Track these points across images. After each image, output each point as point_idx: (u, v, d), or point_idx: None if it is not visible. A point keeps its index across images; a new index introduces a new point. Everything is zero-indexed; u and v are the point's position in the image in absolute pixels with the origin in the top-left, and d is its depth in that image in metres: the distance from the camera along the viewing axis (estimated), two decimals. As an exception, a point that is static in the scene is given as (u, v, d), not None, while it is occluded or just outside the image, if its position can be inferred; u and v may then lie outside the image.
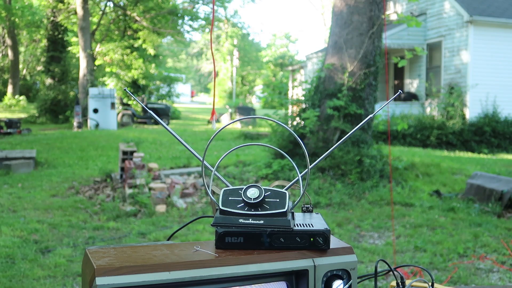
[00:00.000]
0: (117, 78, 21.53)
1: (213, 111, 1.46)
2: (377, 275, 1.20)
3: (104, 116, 17.42)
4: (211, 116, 1.45)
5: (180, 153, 10.78)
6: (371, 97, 8.20)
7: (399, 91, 1.31)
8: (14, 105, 25.00)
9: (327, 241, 1.03)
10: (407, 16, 7.17)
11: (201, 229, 5.48)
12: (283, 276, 1.02)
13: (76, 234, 5.35)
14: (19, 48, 27.92)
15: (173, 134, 1.14)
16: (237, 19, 45.47)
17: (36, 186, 7.70)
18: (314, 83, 8.50)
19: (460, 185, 8.00)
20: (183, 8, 24.06)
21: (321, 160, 1.16)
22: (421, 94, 16.42)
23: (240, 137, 14.55)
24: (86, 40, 19.32)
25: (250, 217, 1.02)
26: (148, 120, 19.87)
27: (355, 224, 5.97)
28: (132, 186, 6.81)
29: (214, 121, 1.47)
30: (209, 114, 25.46)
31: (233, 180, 7.74)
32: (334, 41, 8.23)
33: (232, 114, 22.08)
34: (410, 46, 15.34)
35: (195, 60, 58.27)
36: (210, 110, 13.37)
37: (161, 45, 27.04)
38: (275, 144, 8.21)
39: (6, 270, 4.18)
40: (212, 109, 1.45)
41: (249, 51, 44.90)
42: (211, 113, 1.46)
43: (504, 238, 5.34)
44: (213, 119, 1.45)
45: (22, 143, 12.30)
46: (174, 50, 46.47)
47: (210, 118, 1.50)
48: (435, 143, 13.81)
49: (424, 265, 4.48)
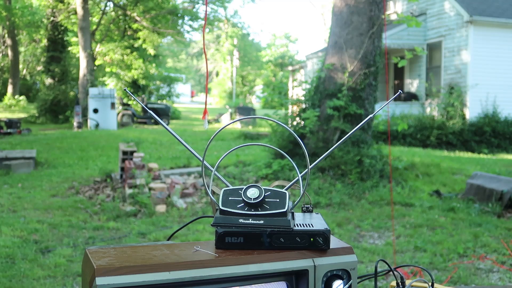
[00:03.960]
0: (117, 78, 21.53)
1: (205, 111, 1.45)
2: (377, 275, 1.20)
3: (104, 116, 17.42)
4: (203, 115, 1.45)
5: (180, 153, 10.78)
6: (371, 97, 8.20)
7: (399, 91, 1.31)
8: (14, 105, 25.00)
9: (327, 241, 1.03)
10: (407, 16, 7.16)
11: (201, 229, 5.48)
12: (283, 276, 1.02)
13: (76, 234, 5.35)
14: (19, 48, 27.92)
15: (173, 134, 1.14)
16: (237, 19, 45.50)
17: (36, 186, 7.70)
18: (314, 83, 8.50)
19: (460, 185, 8.00)
20: (183, 8, 24.05)
21: (321, 160, 1.16)
22: (421, 94, 16.42)
23: (240, 137, 14.55)
24: (86, 40, 19.32)
25: (250, 217, 1.02)
26: (148, 120, 19.87)
27: (355, 224, 5.97)
28: (132, 186, 6.81)
29: (206, 121, 1.47)
30: (210, 114, 25.49)
31: (233, 180, 7.74)
32: (334, 41, 8.23)
33: (232, 114, 22.08)
34: (410, 46, 15.34)
35: (195, 60, 58.27)
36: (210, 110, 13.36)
37: (161, 45, 27.04)
38: (275, 144, 8.21)
39: (6, 270, 4.18)
40: (204, 108, 1.45)
41: (249, 51, 44.91)
42: (203, 112, 1.45)
43: (504, 238, 5.34)
44: (205, 119, 1.45)
45: (22, 143, 12.30)
46: (174, 50, 46.45)
47: (202, 117, 1.50)
48: (435, 143, 13.81)
49: (424, 265, 4.48)
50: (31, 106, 24.51)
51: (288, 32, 51.14)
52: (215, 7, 24.70)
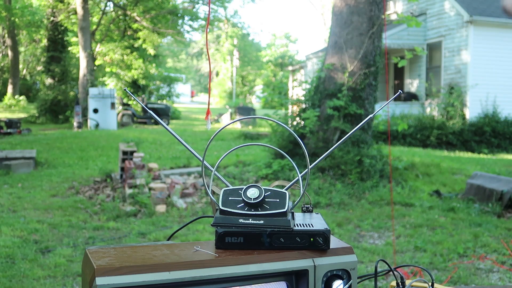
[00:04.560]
0: (117, 78, 21.52)
1: (208, 111, 1.45)
2: (377, 275, 1.20)
3: (104, 116, 17.42)
4: (206, 115, 1.44)
5: (180, 153, 10.78)
6: (371, 97, 8.20)
7: (399, 91, 1.31)
8: (14, 105, 24.99)
9: (327, 241, 1.03)
10: (407, 16, 7.16)
11: (201, 229, 5.48)
12: (283, 276, 1.02)
13: (76, 234, 5.35)
14: (19, 48, 27.92)
15: (173, 134, 1.14)
16: (237, 19, 45.50)
17: (36, 186, 7.70)
18: (314, 83, 8.50)
19: (460, 185, 8.00)
20: (183, 8, 24.05)
21: (321, 160, 1.16)
22: (421, 94, 16.42)
23: (240, 137, 14.55)
24: (86, 40, 19.32)
25: (250, 217, 1.02)
26: (148, 120, 19.87)
27: (355, 224, 5.97)
28: (132, 186, 6.81)
29: (209, 121, 1.47)
30: (211, 115, 25.45)
31: (233, 180, 7.74)
32: (334, 41, 8.23)
33: (232, 114, 22.08)
34: (410, 46, 15.34)
35: (195, 60, 58.28)
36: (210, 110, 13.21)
37: (161, 45, 27.04)
38: (275, 144, 8.22)
39: (6, 270, 4.18)
40: (207, 109, 1.45)
41: (249, 51, 44.91)
42: (206, 113, 1.45)
43: (504, 238, 5.34)
44: (208, 119, 1.45)
45: (22, 143, 12.30)
46: (174, 50, 46.47)
47: (205, 117, 1.50)
48: (435, 143, 13.81)
49: (424, 265, 4.48)
50: (31, 106, 24.51)
51: (288, 32, 51.12)
52: (215, 7, 24.70)
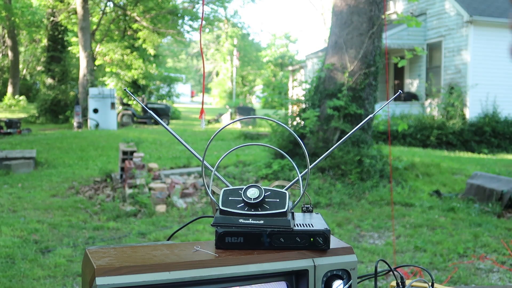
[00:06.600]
0: (117, 78, 21.52)
1: (201, 110, 1.45)
2: (377, 275, 1.20)
3: (104, 116, 17.42)
4: (199, 115, 1.45)
5: (180, 153, 10.78)
6: (371, 97, 8.20)
7: (399, 91, 1.31)
8: (14, 105, 24.99)
9: (327, 241, 1.03)
10: (407, 16, 7.16)
11: (201, 229, 5.48)
12: (283, 276, 1.02)
13: (76, 234, 5.35)
14: (19, 48, 27.91)
15: (173, 134, 1.14)
16: (237, 19, 45.47)
17: (36, 186, 7.70)
18: (314, 83, 8.50)
19: (460, 185, 8.00)
20: (183, 8, 24.04)
21: (321, 160, 1.16)
22: (421, 94, 16.42)
23: (240, 137, 14.55)
24: (86, 40, 19.31)
25: (250, 217, 1.02)
26: (148, 120, 19.87)
27: (355, 224, 5.97)
28: (132, 186, 6.81)
29: (203, 120, 1.47)
30: (210, 114, 25.47)
31: (233, 180, 7.74)
32: (334, 41, 8.23)
33: (232, 114, 22.08)
34: (410, 46, 15.34)
35: (195, 60, 58.26)
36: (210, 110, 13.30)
37: (161, 45, 27.03)
38: (275, 144, 8.21)
39: (6, 270, 4.18)
40: (201, 108, 1.45)
41: (249, 51, 44.88)
42: (200, 112, 1.45)
43: (504, 238, 5.34)
44: (202, 118, 1.45)
45: (22, 143, 12.30)
46: (174, 50, 46.44)
47: (199, 116, 1.50)
48: (435, 143, 13.81)
49: (424, 265, 4.48)
50: (31, 106, 24.51)
51: (288, 32, 51.11)
52: (215, 7, 24.70)
